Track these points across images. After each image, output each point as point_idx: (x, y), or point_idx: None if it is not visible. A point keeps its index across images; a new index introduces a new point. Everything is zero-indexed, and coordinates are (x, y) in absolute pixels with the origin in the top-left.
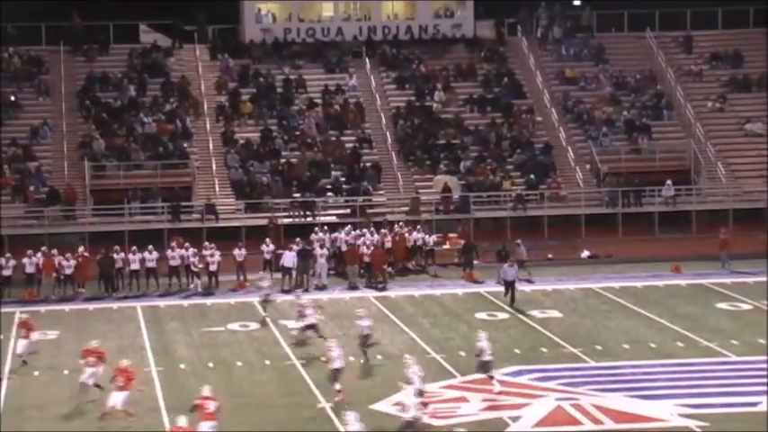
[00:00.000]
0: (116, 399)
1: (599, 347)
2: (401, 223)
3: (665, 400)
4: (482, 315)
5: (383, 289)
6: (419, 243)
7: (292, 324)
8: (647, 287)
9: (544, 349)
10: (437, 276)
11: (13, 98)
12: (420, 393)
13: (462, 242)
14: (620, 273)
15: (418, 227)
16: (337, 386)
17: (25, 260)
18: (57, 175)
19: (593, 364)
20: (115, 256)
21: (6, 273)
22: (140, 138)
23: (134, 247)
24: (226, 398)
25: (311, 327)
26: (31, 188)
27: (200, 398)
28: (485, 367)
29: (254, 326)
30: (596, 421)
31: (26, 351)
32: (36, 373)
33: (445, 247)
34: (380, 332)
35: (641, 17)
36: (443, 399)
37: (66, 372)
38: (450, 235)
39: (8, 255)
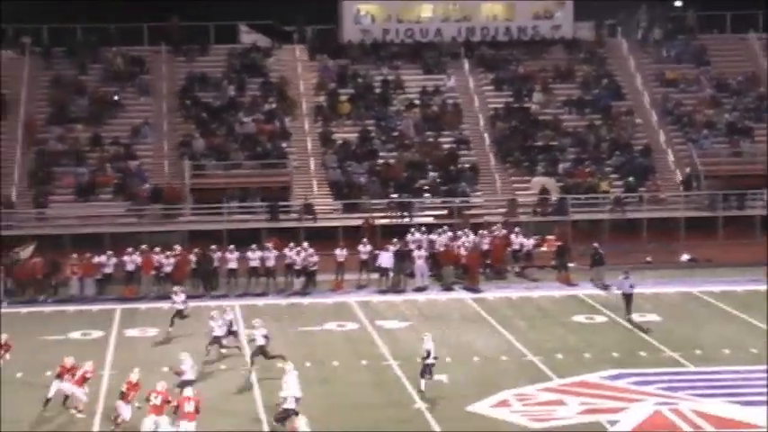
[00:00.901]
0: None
1: (698, 352)
2: (499, 225)
3: (764, 406)
4: (579, 318)
5: (479, 291)
6: (516, 246)
7: (389, 325)
8: (747, 291)
9: (643, 353)
10: (535, 279)
11: (115, 98)
12: None
13: (558, 244)
14: (721, 277)
15: (516, 229)
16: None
17: (126, 258)
18: (157, 173)
19: (692, 368)
20: (213, 254)
21: (107, 270)
22: (239, 137)
23: (231, 246)
24: (322, 397)
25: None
26: (140, 186)
27: (182, 398)
28: (428, 371)
29: (351, 326)
30: (695, 426)
31: None
32: (136, 369)
33: (543, 249)
34: (476, 334)
35: (744, 18)
36: (540, 401)
37: (165, 369)
38: (548, 237)
39: (109, 252)
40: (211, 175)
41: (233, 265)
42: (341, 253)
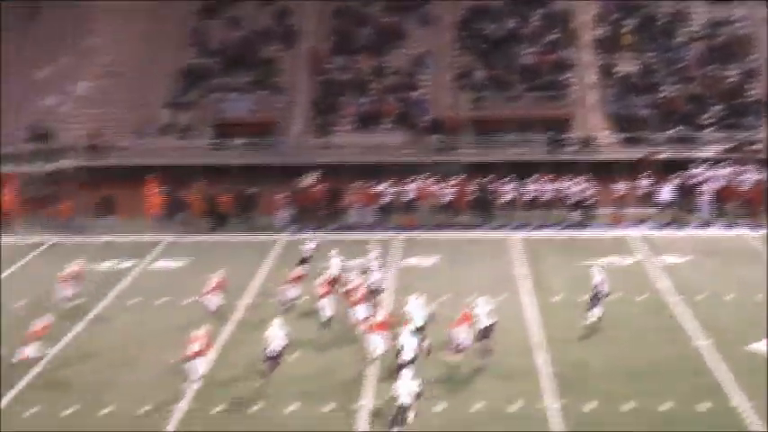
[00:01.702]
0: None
1: None
2: None
3: None
4: None
5: (762, 228)
6: None
7: (670, 260)
8: None
9: None
10: None
11: (399, 28)
12: None
13: None
14: None
15: None
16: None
17: (405, 187)
18: (437, 104)
19: None
20: (491, 186)
21: (387, 199)
22: (520, 69)
23: (510, 178)
24: (600, 330)
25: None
26: (420, 117)
27: (194, 337)
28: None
29: (629, 260)
30: None
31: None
32: (413, 295)
33: None
34: (760, 272)
35: None
36: None
37: (444, 297)
38: None
39: (389, 182)
40: (491, 106)
41: (510, 196)
42: (620, 187)
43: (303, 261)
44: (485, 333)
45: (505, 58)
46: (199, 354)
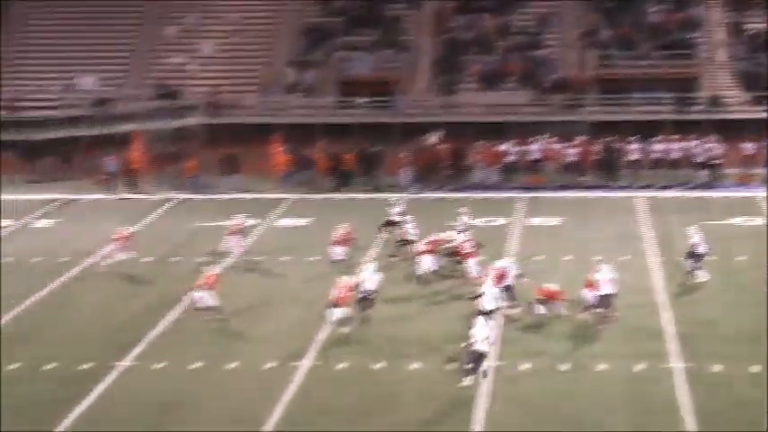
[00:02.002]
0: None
1: None
2: None
3: None
4: None
5: None
6: None
7: None
8: None
9: None
10: None
11: None
12: None
13: None
14: None
15: None
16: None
17: (530, 147)
18: (562, 63)
19: None
20: (617, 145)
21: (510, 159)
22: (647, 27)
23: (636, 137)
24: (719, 291)
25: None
26: (545, 76)
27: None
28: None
29: (758, 221)
30: None
31: None
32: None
33: None
34: None
35: None
36: None
37: (568, 257)
38: None
39: (512, 141)
40: (617, 65)
41: (636, 156)
42: (748, 146)
43: (389, 224)
44: (604, 301)
45: (632, 16)
46: (340, 301)
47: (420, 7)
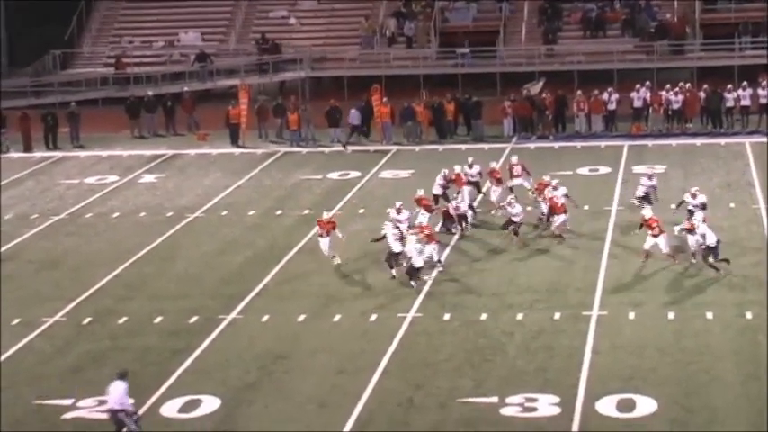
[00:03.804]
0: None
1: None
2: None
3: None
4: None
5: None
6: None
7: None
8: None
9: None
10: None
11: None
12: None
13: None
14: None
15: None
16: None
17: (633, 94)
18: (666, 8)
19: None
20: (723, 91)
21: (611, 107)
22: None
23: (744, 83)
24: None
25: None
26: (649, 22)
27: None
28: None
29: None
30: None
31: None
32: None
33: None
34: None
35: None
36: None
37: (672, 206)
38: None
39: (611, 89)
40: (723, 9)
41: (745, 102)
42: None
43: (471, 184)
44: (709, 252)
45: None
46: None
47: None
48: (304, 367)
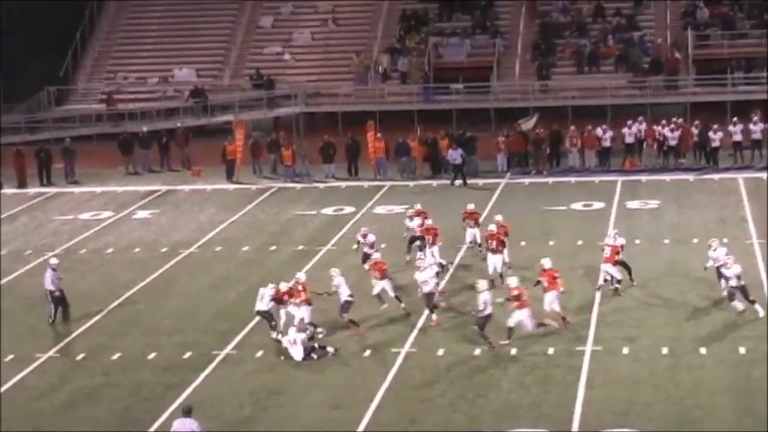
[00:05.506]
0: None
1: None
2: None
3: None
4: None
5: None
6: None
7: None
8: None
9: None
10: None
11: None
12: None
13: None
14: None
15: None
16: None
17: (625, 130)
18: (659, 44)
19: None
20: (716, 127)
21: (605, 144)
22: (745, 6)
23: (734, 119)
24: None
25: None
26: (642, 58)
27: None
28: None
29: None
30: None
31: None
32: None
33: None
34: None
35: None
36: None
37: (667, 241)
38: None
39: (605, 126)
40: (715, 45)
41: (737, 138)
42: None
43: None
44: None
45: None
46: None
47: None
48: (298, 402)
